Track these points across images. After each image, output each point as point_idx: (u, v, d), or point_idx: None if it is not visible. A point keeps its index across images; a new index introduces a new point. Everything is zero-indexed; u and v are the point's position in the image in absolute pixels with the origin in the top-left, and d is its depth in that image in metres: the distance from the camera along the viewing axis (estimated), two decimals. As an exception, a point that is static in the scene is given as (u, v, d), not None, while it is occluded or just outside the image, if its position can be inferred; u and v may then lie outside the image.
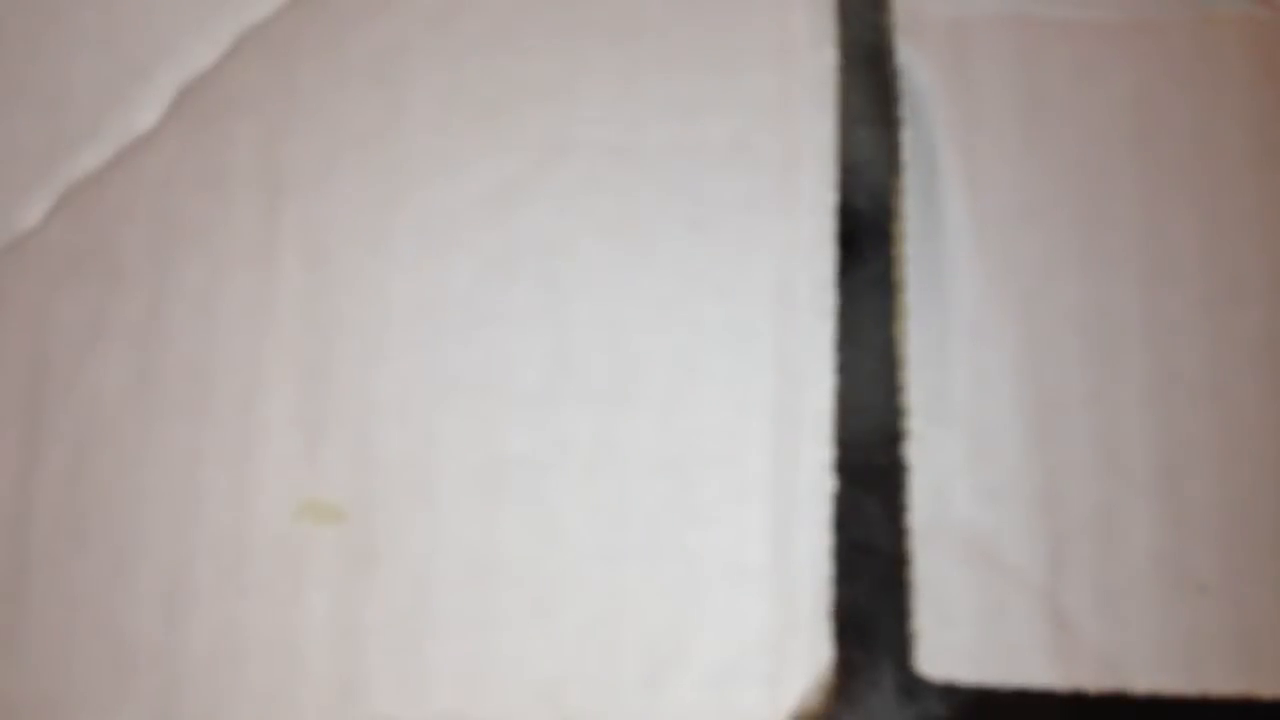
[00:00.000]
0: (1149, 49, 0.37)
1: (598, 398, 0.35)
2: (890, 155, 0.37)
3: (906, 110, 0.37)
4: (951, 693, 0.34)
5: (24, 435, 0.36)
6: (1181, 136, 0.37)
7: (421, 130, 0.37)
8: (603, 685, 0.34)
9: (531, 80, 0.37)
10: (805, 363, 0.35)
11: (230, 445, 0.36)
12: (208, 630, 0.35)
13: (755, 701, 0.34)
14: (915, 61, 0.37)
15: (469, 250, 0.36)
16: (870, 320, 0.36)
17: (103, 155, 0.37)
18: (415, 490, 0.35)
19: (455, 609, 0.34)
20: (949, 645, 0.34)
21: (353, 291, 0.36)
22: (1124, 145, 0.37)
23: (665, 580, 0.34)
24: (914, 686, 0.34)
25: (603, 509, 0.35)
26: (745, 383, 0.35)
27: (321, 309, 0.36)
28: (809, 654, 0.34)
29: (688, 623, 0.34)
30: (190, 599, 0.35)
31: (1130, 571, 0.34)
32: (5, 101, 0.38)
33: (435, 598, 0.35)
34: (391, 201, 0.37)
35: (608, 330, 0.36)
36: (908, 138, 0.37)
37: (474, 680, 0.34)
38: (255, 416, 0.36)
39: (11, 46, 0.38)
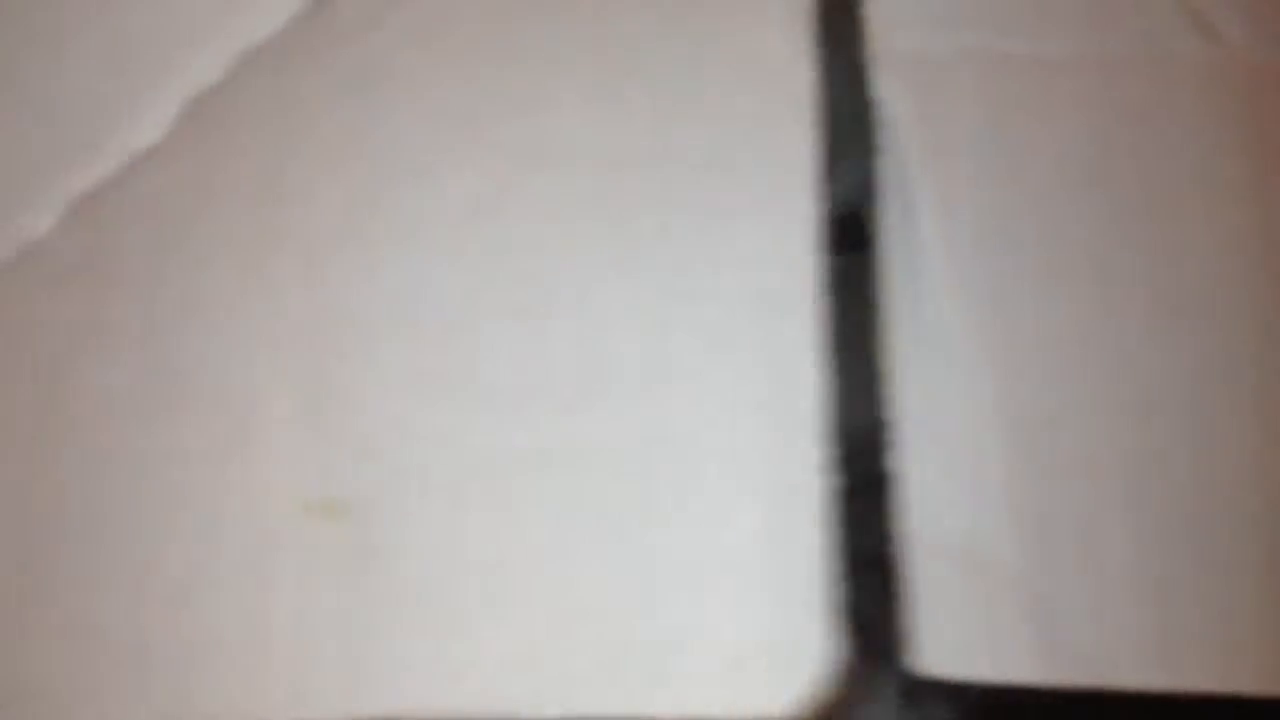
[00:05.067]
0: (1104, 84, 0.40)
1: (590, 396, 0.37)
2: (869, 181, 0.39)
3: (884, 139, 0.39)
4: (948, 689, 0.36)
5: (32, 437, 0.37)
6: (1132, 166, 0.39)
7: (407, 139, 0.39)
8: (608, 681, 0.35)
9: (513, 91, 0.39)
10: (794, 367, 0.37)
11: (234, 444, 0.37)
12: (217, 625, 0.35)
13: (758, 695, 0.35)
14: (890, 93, 0.39)
15: (453, 255, 0.38)
16: (860, 332, 0.38)
17: (109, 168, 0.38)
18: (416, 488, 0.36)
19: (460, 605, 0.35)
20: (940, 643, 0.36)
21: (346, 296, 0.38)
22: (1079, 173, 0.39)
23: (668, 580, 0.36)
24: (908, 682, 0.36)
25: (602, 511, 0.36)
26: (735, 386, 0.37)
27: (317, 313, 0.37)
28: (810, 649, 0.35)
29: (690, 620, 0.35)
30: (196, 596, 0.36)
31: (1109, 573, 0.36)
32: (14, 115, 0.39)
33: (440, 593, 0.36)
34: (379, 209, 0.38)
35: (597, 331, 0.37)
36: (885, 165, 0.39)
37: (480, 675, 0.35)
38: (258, 417, 0.37)
39: (21, 61, 0.39)
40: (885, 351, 0.38)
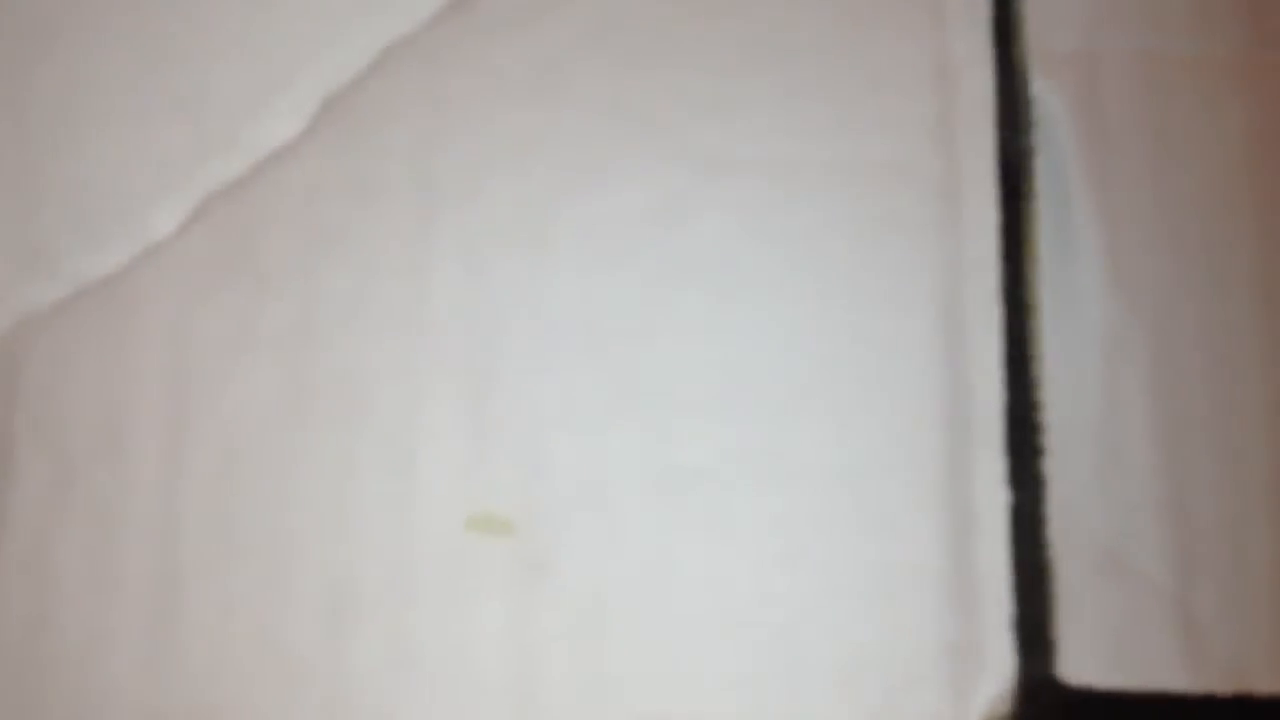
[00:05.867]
0: (1265, 85, 0.39)
1: (771, 408, 0.36)
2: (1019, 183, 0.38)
3: (1039, 138, 0.38)
4: (1095, 697, 0.35)
5: (167, 447, 0.35)
6: None
7: (578, 142, 0.37)
8: (785, 693, 0.34)
9: (690, 95, 0.38)
10: (977, 378, 0.36)
11: (391, 455, 0.35)
12: (374, 643, 0.34)
13: (940, 709, 0.34)
14: (1047, 91, 0.39)
15: (632, 262, 0.36)
16: (1016, 334, 0.37)
17: (244, 164, 0.37)
18: (587, 500, 0.35)
19: (631, 620, 0.34)
20: (1087, 651, 0.35)
21: (514, 300, 0.36)
22: (1243, 175, 0.38)
23: (845, 589, 0.35)
24: (1056, 691, 0.35)
25: (778, 519, 0.35)
26: (919, 397, 0.36)
27: (482, 317, 0.36)
28: (992, 662, 0.34)
29: (871, 630, 0.34)
30: (354, 611, 0.34)
31: (1254, 579, 0.36)
32: (146, 108, 0.37)
33: (611, 609, 0.34)
34: (550, 211, 0.37)
35: (778, 341, 0.36)
36: (1040, 165, 0.38)
37: (652, 691, 0.34)
38: (417, 425, 0.35)
39: (155, 53, 0.38)
40: (1041, 354, 0.37)
